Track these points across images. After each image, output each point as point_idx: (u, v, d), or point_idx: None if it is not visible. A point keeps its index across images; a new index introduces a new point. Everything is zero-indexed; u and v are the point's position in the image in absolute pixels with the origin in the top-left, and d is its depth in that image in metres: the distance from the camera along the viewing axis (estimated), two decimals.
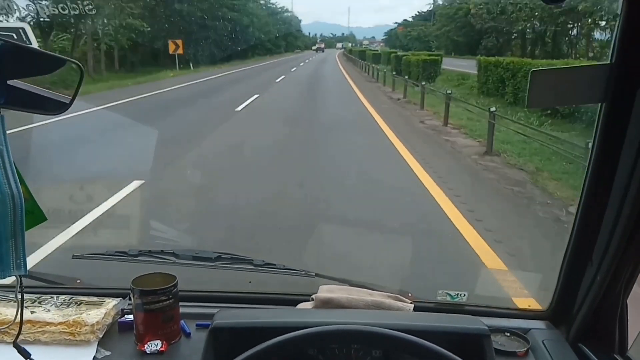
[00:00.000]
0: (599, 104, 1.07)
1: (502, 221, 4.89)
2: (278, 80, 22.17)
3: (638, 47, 0.98)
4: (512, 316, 1.43)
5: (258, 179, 6.10)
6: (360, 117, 11.69)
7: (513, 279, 3.24)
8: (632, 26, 0.98)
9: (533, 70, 1.06)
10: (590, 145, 1.13)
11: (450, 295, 1.48)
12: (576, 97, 1.14)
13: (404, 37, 47.67)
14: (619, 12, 0.99)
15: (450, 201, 5.17)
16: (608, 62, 1.03)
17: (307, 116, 12.05)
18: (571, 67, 1.09)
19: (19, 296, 0.85)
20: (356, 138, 8.90)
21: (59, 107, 0.78)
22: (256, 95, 14.92)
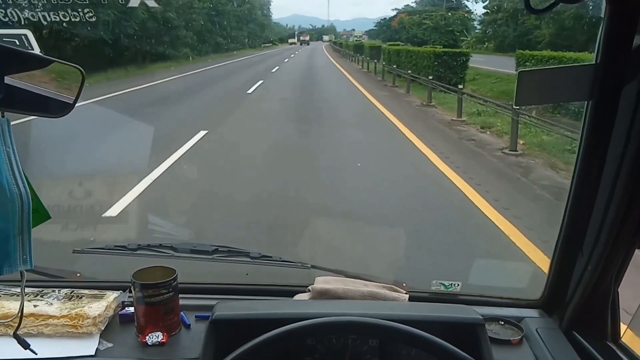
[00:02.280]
0: (586, 102, 1.11)
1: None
2: None
3: (620, 48, 1.02)
4: (506, 305, 1.46)
5: None
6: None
7: (505, 268, 3.32)
8: (615, 29, 1.03)
9: (520, 70, 1.10)
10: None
11: (444, 285, 1.51)
12: (563, 96, 1.19)
13: (415, 26, 35.51)
14: (602, 15, 1.03)
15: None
16: (593, 62, 1.07)
17: None
18: (557, 67, 1.14)
19: (23, 289, 0.86)
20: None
21: (61, 110, 0.80)
22: None
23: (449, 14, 34.37)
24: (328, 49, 45.25)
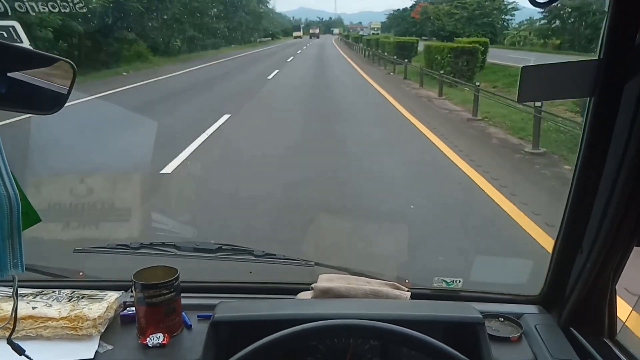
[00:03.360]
0: (588, 98, 1.10)
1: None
2: None
3: (624, 44, 1.01)
4: (506, 301, 1.46)
5: None
6: None
7: (507, 264, 3.32)
8: (619, 24, 1.01)
9: (523, 66, 1.09)
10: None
11: (445, 282, 1.51)
12: (565, 92, 1.18)
13: (444, 17, 30.45)
14: (606, 9, 1.02)
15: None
16: (596, 58, 1.06)
17: None
18: (560, 63, 1.12)
19: (16, 294, 0.86)
20: None
21: (52, 106, 0.77)
22: None
23: (486, 2, 30.51)
24: (342, 47, 37.46)
